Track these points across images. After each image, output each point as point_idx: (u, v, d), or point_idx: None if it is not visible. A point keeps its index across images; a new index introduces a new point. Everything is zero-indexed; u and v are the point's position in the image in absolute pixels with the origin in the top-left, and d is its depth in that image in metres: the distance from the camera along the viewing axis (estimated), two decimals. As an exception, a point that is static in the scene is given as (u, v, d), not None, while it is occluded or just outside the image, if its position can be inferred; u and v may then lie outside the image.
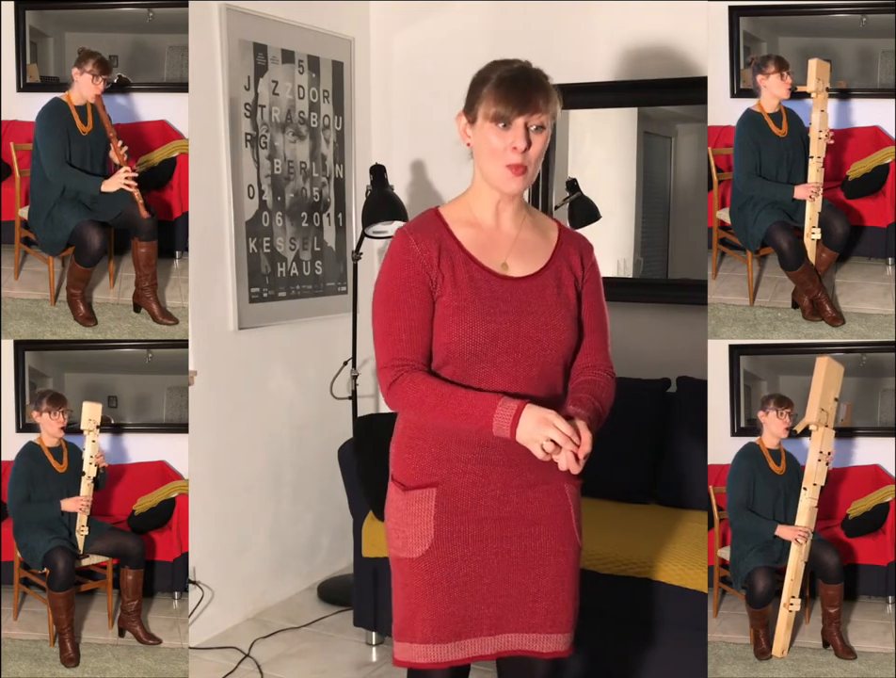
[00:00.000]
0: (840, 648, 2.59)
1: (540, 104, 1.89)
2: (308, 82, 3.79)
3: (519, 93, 1.88)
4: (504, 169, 1.91)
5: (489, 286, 1.96)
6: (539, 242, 2.05)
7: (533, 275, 2.00)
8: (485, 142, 1.92)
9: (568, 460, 1.83)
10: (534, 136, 1.90)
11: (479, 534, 1.99)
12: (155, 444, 2.85)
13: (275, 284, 3.67)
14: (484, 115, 1.91)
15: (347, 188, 4.02)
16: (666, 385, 3.42)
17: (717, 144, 2.76)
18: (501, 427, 1.85)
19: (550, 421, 1.82)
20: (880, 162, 2.69)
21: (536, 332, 1.96)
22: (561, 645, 2.06)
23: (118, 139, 2.64)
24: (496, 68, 1.94)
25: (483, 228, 2.01)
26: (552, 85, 1.95)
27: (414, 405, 1.93)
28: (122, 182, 2.64)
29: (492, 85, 1.91)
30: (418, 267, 1.94)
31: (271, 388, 3.72)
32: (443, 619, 1.99)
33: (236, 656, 3.35)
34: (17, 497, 2.70)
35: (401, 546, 2.01)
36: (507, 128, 1.89)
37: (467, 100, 1.97)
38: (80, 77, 2.63)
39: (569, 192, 3.65)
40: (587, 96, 3.65)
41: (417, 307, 1.94)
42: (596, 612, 2.91)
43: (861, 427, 2.75)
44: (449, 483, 1.98)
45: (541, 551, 2.02)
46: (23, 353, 2.76)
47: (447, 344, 1.94)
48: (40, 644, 2.71)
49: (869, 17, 2.67)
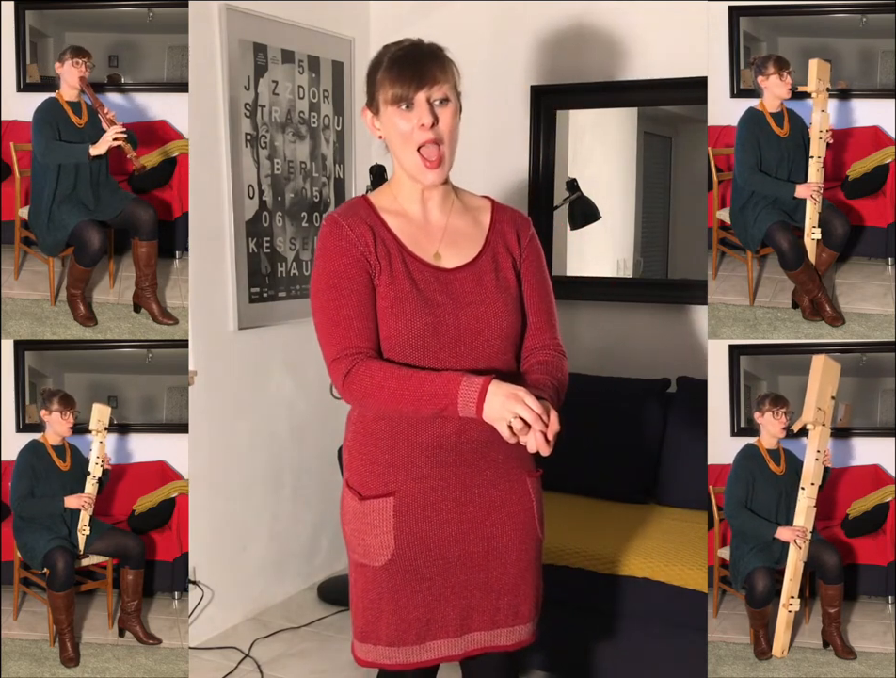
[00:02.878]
0: (840, 648, 2.59)
1: (438, 74, 1.84)
2: (308, 82, 3.79)
3: (413, 69, 1.83)
4: (419, 159, 1.86)
5: (425, 278, 1.89)
6: (471, 228, 1.99)
7: (468, 264, 1.94)
8: (393, 129, 1.87)
9: (537, 441, 1.71)
10: (439, 110, 1.85)
11: (440, 538, 1.95)
12: (155, 444, 2.85)
13: (275, 284, 3.67)
14: (384, 100, 1.86)
15: (347, 188, 4.02)
16: (666, 385, 3.42)
17: (717, 144, 2.76)
18: (466, 405, 1.74)
19: (520, 397, 1.70)
20: (880, 162, 2.69)
21: (478, 324, 1.90)
22: (524, 635, 2.05)
23: (103, 106, 2.63)
24: (387, 51, 1.89)
25: (411, 219, 1.95)
26: (447, 56, 1.89)
27: (373, 394, 1.83)
28: (111, 141, 2.61)
29: (385, 68, 1.86)
30: (355, 253, 1.87)
31: (271, 388, 3.72)
32: (408, 623, 1.96)
33: (236, 656, 3.35)
34: (20, 492, 2.69)
35: (362, 553, 1.97)
36: (410, 108, 1.84)
37: (367, 92, 1.92)
38: (62, 69, 2.64)
39: (569, 192, 3.65)
40: (587, 96, 3.65)
41: (362, 293, 1.86)
42: (595, 612, 2.91)
43: (861, 427, 2.75)
44: (406, 490, 1.92)
45: (503, 548, 1.99)
46: (23, 353, 2.76)
47: (387, 338, 1.87)
48: (39, 644, 2.71)
49: (869, 17, 2.67)
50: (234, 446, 3.58)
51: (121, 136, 2.62)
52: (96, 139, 2.66)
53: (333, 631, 3.55)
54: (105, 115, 2.63)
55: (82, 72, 2.64)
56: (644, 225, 3.79)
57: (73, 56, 2.63)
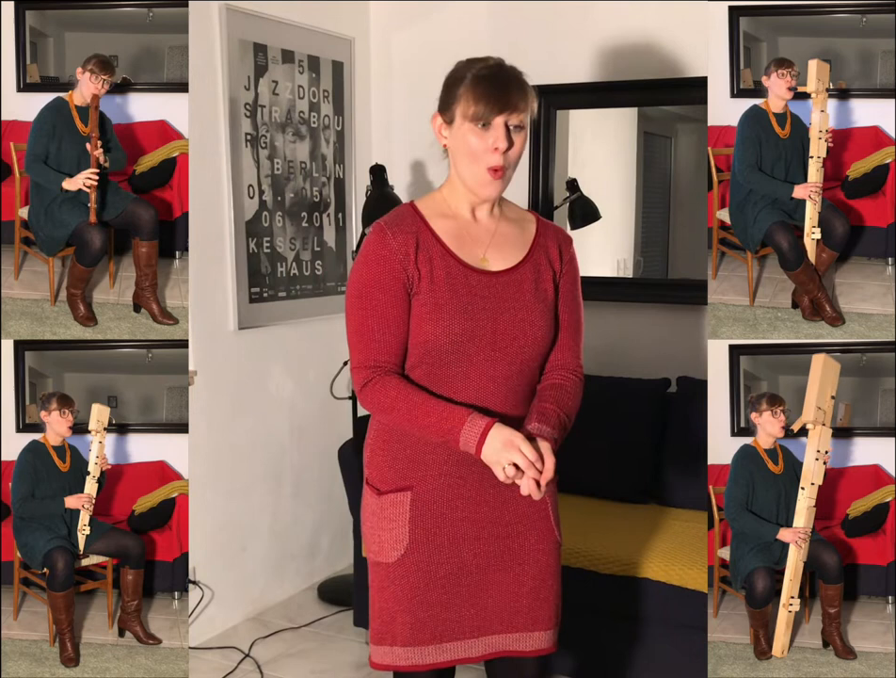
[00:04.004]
0: (840, 648, 2.59)
1: (519, 102, 1.85)
2: (308, 82, 3.79)
3: (498, 92, 1.84)
4: (484, 173, 1.87)
5: (467, 282, 1.92)
6: (517, 235, 2.01)
7: (511, 269, 1.97)
8: (463, 144, 1.88)
9: (529, 487, 1.81)
10: (514, 135, 1.87)
11: (455, 536, 1.97)
12: (155, 444, 2.85)
13: (275, 284, 3.67)
14: (462, 115, 1.86)
15: (347, 188, 4.02)
16: (666, 385, 3.42)
17: (717, 144, 2.76)
18: (467, 443, 1.84)
19: (515, 445, 1.80)
20: (880, 162, 2.69)
21: (514, 329, 1.93)
22: (544, 642, 2.05)
23: (99, 140, 2.62)
24: (471, 66, 1.89)
25: (461, 221, 1.97)
26: (528, 83, 1.90)
27: (385, 410, 1.91)
28: (82, 182, 2.61)
29: (469, 83, 1.86)
30: (394, 263, 1.89)
31: (271, 388, 3.72)
32: (423, 622, 1.97)
33: (236, 656, 3.35)
34: (21, 492, 2.69)
35: (377, 550, 1.99)
36: (487, 128, 1.85)
37: (441, 100, 1.93)
38: (82, 76, 2.63)
39: (569, 192, 3.65)
40: (587, 96, 3.65)
41: (392, 305, 1.90)
42: (596, 612, 2.91)
43: (861, 427, 2.75)
44: (423, 486, 1.95)
45: (520, 550, 2.00)
46: (23, 353, 2.76)
47: (423, 342, 1.90)
48: (39, 644, 2.71)
49: (869, 17, 2.67)
50: (234, 446, 3.58)
51: (93, 184, 2.61)
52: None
53: (333, 631, 3.55)
54: (94, 150, 2.62)
55: (97, 90, 2.63)
56: (644, 225, 3.79)
57: (97, 71, 2.61)
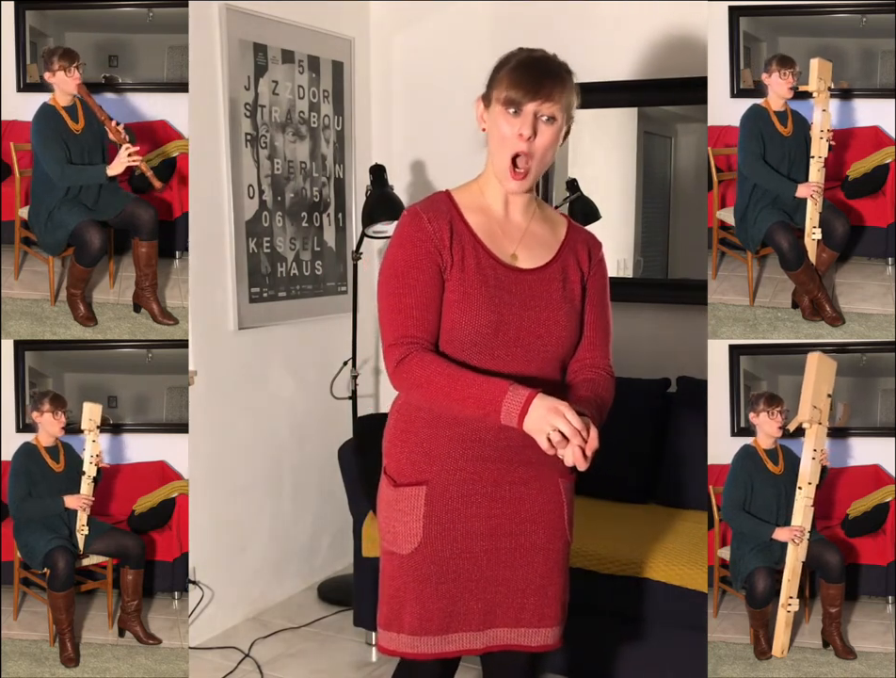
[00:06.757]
0: (841, 648, 2.59)
1: (554, 92, 1.85)
2: (308, 82, 3.79)
3: (532, 78, 1.85)
4: (508, 164, 1.88)
5: (496, 275, 1.93)
6: (548, 235, 2.03)
7: (540, 268, 1.98)
8: (495, 128, 1.89)
9: (575, 455, 1.75)
10: (543, 126, 1.87)
11: (468, 531, 1.97)
12: (155, 444, 2.85)
13: (275, 284, 3.67)
14: (496, 98, 1.88)
15: (347, 188, 4.02)
16: (666, 385, 3.42)
17: (717, 144, 2.75)
18: (509, 413, 1.78)
19: (560, 412, 1.75)
20: (880, 162, 2.68)
21: (539, 328, 1.94)
22: (549, 639, 2.06)
23: (111, 119, 2.63)
24: (518, 53, 1.91)
25: (493, 216, 1.98)
26: (572, 79, 1.91)
27: (421, 385, 1.86)
28: (126, 160, 2.61)
29: (509, 68, 1.88)
30: (430, 246, 1.89)
31: (271, 388, 3.72)
32: (431, 613, 1.99)
33: (236, 656, 3.35)
34: (18, 494, 2.69)
35: (391, 540, 2.01)
36: (518, 115, 1.86)
37: (487, 84, 1.94)
38: (53, 78, 2.61)
39: (569, 192, 3.64)
40: (587, 96, 3.55)
41: (428, 284, 1.89)
42: (596, 612, 2.91)
43: (861, 427, 2.75)
44: (439, 481, 1.96)
45: (530, 547, 2.01)
46: (23, 353, 2.76)
47: (448, 330, 1.90)
48: (39, 644, 2.71)
49: (869, 17, 2.67)
50: (234, 446, 3.58)
51: (137, 157, 2.60)
52: (94, 144, 2.67)
53: (333, 631, 3.55)
54: (114, 129, 2.61)
55: (78, 80, 2.62)
56: (644, 225, 3.79)
57: (66, 63, 2.59)
